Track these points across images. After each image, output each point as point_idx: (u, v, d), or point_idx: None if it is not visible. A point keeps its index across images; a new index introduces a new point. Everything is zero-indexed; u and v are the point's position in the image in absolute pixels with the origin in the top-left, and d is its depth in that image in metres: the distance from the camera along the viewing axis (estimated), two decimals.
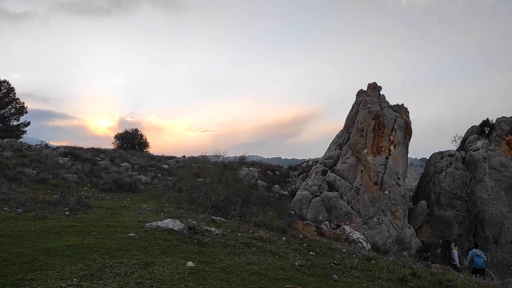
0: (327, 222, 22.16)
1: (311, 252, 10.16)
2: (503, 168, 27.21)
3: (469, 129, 32.07)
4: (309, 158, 39.19)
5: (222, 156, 30.60)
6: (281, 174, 31.17)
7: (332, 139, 29.83)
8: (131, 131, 41.99)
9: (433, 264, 14.15)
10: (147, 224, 8.89)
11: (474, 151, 28.80)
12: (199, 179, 17.84)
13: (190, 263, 5.76)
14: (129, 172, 24.38)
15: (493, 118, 30.34)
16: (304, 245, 11.36)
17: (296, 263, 8.03)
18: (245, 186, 17.98)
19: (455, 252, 17.20)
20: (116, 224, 8.97)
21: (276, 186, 28.23)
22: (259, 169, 30.10)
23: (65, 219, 9.54)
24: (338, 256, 9.65)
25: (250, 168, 29.51)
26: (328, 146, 29.60)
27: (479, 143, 29.27)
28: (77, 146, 31.73)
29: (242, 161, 32.05)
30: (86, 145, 32.86)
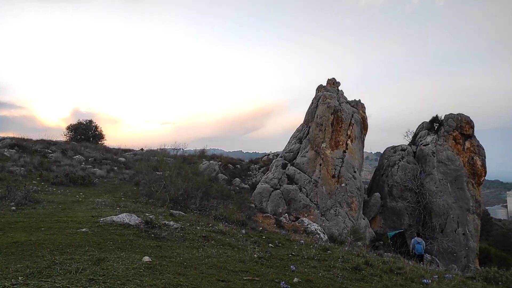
0: (286, 214, 22.54)
1: (270, 244, 10.28)
2: (450, 162, 29.05)
3: (420, 125, 33.85)
4: (270, 151, 39.60)
5: (182, 149, 30.11)
6: (242, 168, 31.25)
7: (293, 133, 30.32)
8: (85, 122, 40.09)
9: (385, 253, 14.87)
10: (101, 219, 8.56)
11: (424, 145, 30.46)
12: (157, 173, 17.44)
13: (146, 258, 5.61)
14: (82, 165, 23.32)
15: (442, 115, 32.23)
16: (264, 237, 11.47)
17: (255, 255, 8.08)
18: (205, 179, 17.82)
19: (414, 240, 18.37)
20: (67, 220, 8.55)
21: (237, 179, 28.27)
22: (220, 163, 29.97)
23: (10, 214, 8.95)
24: (296, 247, 9.84)
25: (211, 162, 29.30)
26: (288, 140, 30.06)
27: (428, 138, 31.00)
28: (25, 137, 29.82)
29: (202, 155, 31.73)
30: (35, 136, 30.97)
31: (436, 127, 31.92)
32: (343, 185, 24.29)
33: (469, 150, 30.08)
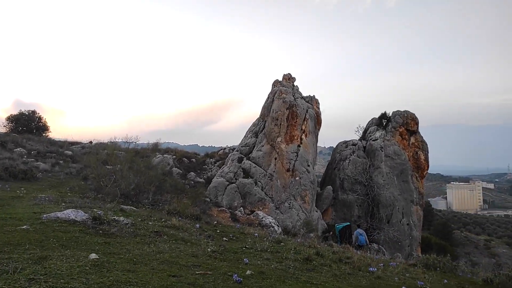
0: (241, 208, 22.65)
1: (224, 238, 10.27)
2: (396, 156, 30.71)
3: (370, 120, 35.42)
4: (227, 145, 39.48)
5: (134, 142, 29.16)
6: (197, 162, 30.88)
7: (249, 127, 30.42)
8: (27, 113, 37.40)
9: (335, 244, 15.45)
10: (45, 216, 8.05)
11: (373, 140, 31.92)
12: (107, 167, 16.73)
13: (93, 255, 5.37)
14: (24, 159, 21.79)
15: (390, 112, 33.92)
16: (218, 231, 11.44)
17: (209, 249, 8.04)
18: (158, 173, 17.39)
19: (357, 232, 19.24)
20: (6, 216, 7.95)
21: (192, 173, 27.91)
22: (174, 156, 29.39)
23: None
24: (250, 240, 9.91)
25: (165, 155, 28.64)
26: (244, 134, 30.14)
27: (377, 134, 32.53)
28: None
29: (156, 148, 30.90)
30: None
31: (384, 123, 33.56)
32: (297, 178, 24.84)
33: (414, 145, 31.97)
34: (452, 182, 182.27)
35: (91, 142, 34.29)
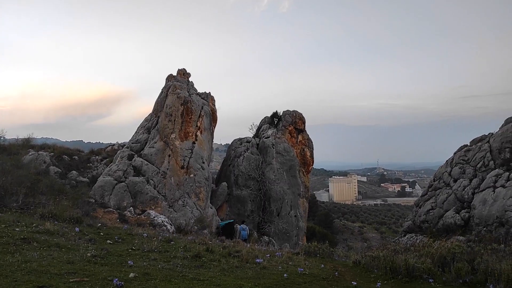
0: (131, 208, 21.43)
1: (108, 241, 9.55)
2: (286, 153, 32.72)
3: (263, 119, 37.03)
4: (117, 142, 36.91)
5: (2, 137, 25.27)
6: (81, 159, 28.14)
7: (141, 122, 28.93)
8: None
9: (227, 239, 15.72)
10: None
11: (265, 138, 33.46)
12: None
13: None
14: None
15: (281, 111, 35.94)
16: (102, 234, 10.58)
17: (88, 254, 7.38)
18: (30, 173, 15.29)
19: (240, 228, 19.87)
20: None
21: (74, 172, 25.33)
22: (52, 153, 26.22)
23: None
24: (137, 241, 9.41)
25: (40, 152, 25.35)
26: (136, 130, 28.56)
27: (269, 132, 34.20)
28: None
29: (27, 144, 27.06)
30: None
31: (276, 121, 35.46)
32: (191, 175, 24.55)
33: (301, 143, 34.51)
34: (333, 176, 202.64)
35: None
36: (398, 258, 7.78)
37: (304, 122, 35.04)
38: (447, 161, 29.69)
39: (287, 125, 34.22)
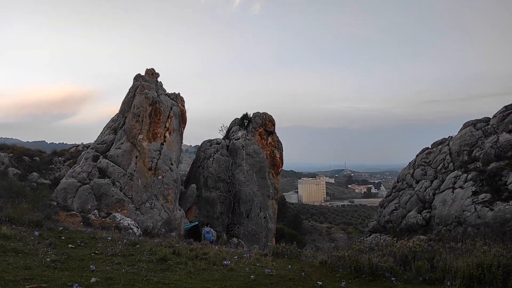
0: (96, 211, 20.76)
1: (70, 245, 9.19)
2: (256, 154, 32.83)
3: (233, 121, 36.98)
4: (82, 142, 35.60)
5: None
6: (43, 160, 26.94)
7: (107, 123, 28.09)
8: None
9: (195, 241, 15.53)
10: None
11: (235, 140, 33.42)
12: None
13: None
14: None
15: (251, 113, 36.05)
16: (63, 238, 10.17)
17: (48, 259, 7.07)
18: None
19: (204, 231, 19.65)
20: None
21: (35, 174, 24.22)
22: (11, 154, 24.94)
23: None
24: (101, 245, 9.11)
25: None
26: (101, 130, 27.70)
27: (239, 133, 34.19)
28: None
29: None
30: None
31: (246, 123, 35.50)
32: (159, 177, 24.11)
33: (271, 145, 34.76)
34: (302, 178, 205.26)
35: None
36: (362, 257, 7.98)
37: (274, 124, 35.31)
38: (409, 163, 30.87)
39: (257, 127, 34.36)
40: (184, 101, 31.24)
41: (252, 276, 6.99)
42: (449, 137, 29.40)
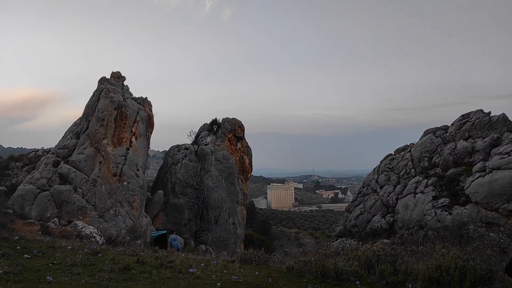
0: (56, 219, 19.83)
1: (25, 255, 8.69)
2: (225, 160, 32.66)
3: (202, 126, 36.64)
4: (42, 147, 33.99)
5: None
6: None
7: (69, 127, 26.99)
8: None
9: (161, 249, 15.17)
10: None
11: (204, 145, 33.10)
12: None
13: None
14: None
15: (220, 118, 35.87)
16: (19, 247, 9.62)
17: (0, 271, 6.63)
18: None
19: (171, 238, 19.28)
20: None
21: None
22: None
23: None
24: (60, 255, 8.68)
25: None
26: (63, 135, 26.57)
27: (208, 139, 33.90)
28: None
29: None
30: None
31: (215, 128, 35.26)
32: (125, 183, 23.39)
33: (240, 150, 34.70)
34: (271, 184, 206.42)
35: None
36: (328, 262, 8.08)
37: (243, 130, 35.32)
38: (374, 168, 31.79)
39: (227, 132, 34.22)
40: (151, 105, 30.62)
41: (218, 284, 6.89)
42: (411, 144, 30.57)
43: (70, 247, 10.19)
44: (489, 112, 26.86)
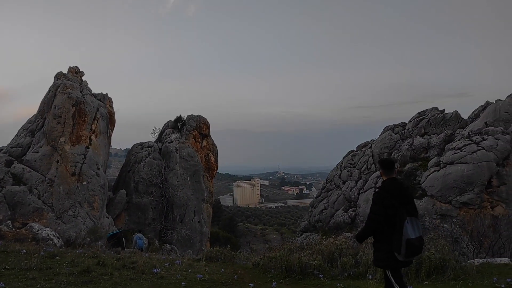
0: (9, 221, 18.72)
1: None
2: (190, 158, 32.25)
3: (166, 123, 35.95)
4: None
5: None
6: None
7: (23, 124, 25.54)
8: None
9: (124, 250, 14.75)
10: None
11: (169, 143, 32.51)
12: None
13: None
14: None
15: (185, 115, 35.35)
16: None
17: None
18: None
19: (136, 237, 18.77)
20: None
21: None
22: None
23: None
24: (12, 259, 8.19)
25: None
26: (16, 133, 25.12)
27: (173, 136, 33.33)
28: None
29: None
30: None
31: (179, 126, 34.70)
32: (84, 183, 22.52)
33: (205, 148, 34.39)
34: (238, 181, 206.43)
35: None
36: (292, 257, 8.21)
37: (208, 127, 35.02)
38: (337, 164, 32.68)
39: (192, 129, 33.79)
40: (112, 102, 29.66)
41: (183, 283, 6.80)
42: (371, 140, 31.70)
43: (24, 251, 9.63)
44: (443, 110, 28.39)
